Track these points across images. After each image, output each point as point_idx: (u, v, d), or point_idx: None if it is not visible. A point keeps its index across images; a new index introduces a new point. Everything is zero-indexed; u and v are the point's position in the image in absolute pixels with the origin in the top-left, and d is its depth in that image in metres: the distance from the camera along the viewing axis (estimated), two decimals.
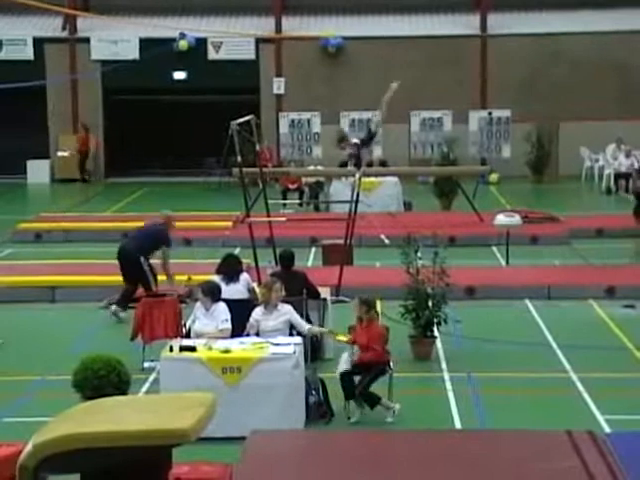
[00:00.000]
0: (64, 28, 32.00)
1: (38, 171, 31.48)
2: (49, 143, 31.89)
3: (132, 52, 31.27)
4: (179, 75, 31.83)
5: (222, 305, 11.24)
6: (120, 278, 14.86)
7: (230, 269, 12.42)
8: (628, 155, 27.35)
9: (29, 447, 6.28)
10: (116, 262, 14.72)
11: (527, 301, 15.49)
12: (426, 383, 12.01)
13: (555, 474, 8.34)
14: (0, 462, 8.87)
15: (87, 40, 31.56)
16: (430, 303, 12.58)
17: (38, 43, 31.38)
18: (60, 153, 31.62)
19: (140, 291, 14.29)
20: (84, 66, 31.47)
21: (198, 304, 11.40)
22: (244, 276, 12.52)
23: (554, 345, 13.20)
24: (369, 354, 10.68)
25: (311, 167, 26.53)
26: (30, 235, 20.99)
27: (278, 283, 11.34)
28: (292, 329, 11.29)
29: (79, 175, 31.17)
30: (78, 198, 27.28)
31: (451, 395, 11.36)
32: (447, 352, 12.84)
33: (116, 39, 31.39)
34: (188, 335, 11.41)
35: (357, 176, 15.96)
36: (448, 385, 11.69)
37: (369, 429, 10.31)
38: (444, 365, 12.40)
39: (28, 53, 31.40)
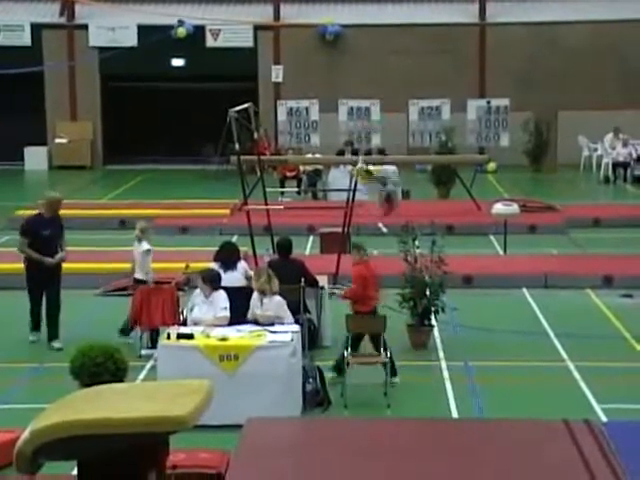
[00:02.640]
0: (62, 14, 31.91)
1: (35, 158, 31.46)
2: (46, 130, 31.85)
3: (130, 39, 31.19)
4: (177, 62, 31.77)
5: (222, 293, 11.22)
6: (117, 265, 14.86)
7: (228, 257, 12.41)
8: (626, 144, 27.35)
9: (26, 433, 6.29)
10: (113, 249, 14.70)
11: (524, 290, 15.51)
12: (423, 371, 12.02)
13: (552, 463, 8.36)
14: None
15: (85, 27, 31.47)
16: (428, 292, 12.59)
17: (36, 29, 31.28)
18: (57, 140, 31.56)
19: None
20: (82, 52, 31.39)
21: (196, 292, 11.37)
22: (242, 264, 12.51)
23: (551, 334, 13.22)
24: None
25: (309, 155, 26.49)
26: None
27: (259, 274, 11.34)
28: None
29: None
30: (76, 185, 27.24)
31: (448, 384, 11.38)
32: (444, 341, 12.86)
33: (114, 26, 31.30)
34: (185, 323, 11.41)
35: (359, 166, 15.93)
36: (445, 373, 11.70)
37: (366, 417, 10.32)
38: (441, 354, 12.41)
39: (25, 39, 31.30)
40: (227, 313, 11.05)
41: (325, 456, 8.66)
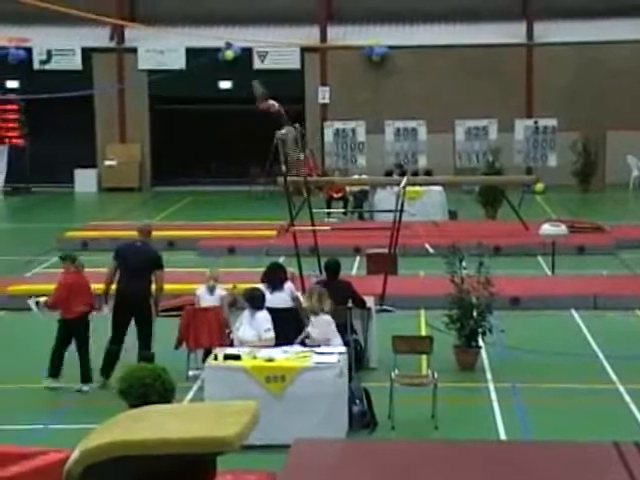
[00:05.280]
0: (112, 38, 32.37)
1: (85, 180, 31.85)
2: (96, 152, 32.22)
3: (178, 62, 31.53)
4: (225, 85, 32.02)
5: (264, 314, 11.23)
6: (165, 286, 14.74)
7: (275, 278, 12.43)
8: None
9: (75, 454, 6.33)
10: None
11: (573, 311, 15.37)
12: (471, 393, 11.95)
13: None
14: (48, 468, 8.95)
15: (134, 50, 31.88)
16: (475, 313, 12.53)
17: (86, 53, 31.76)
18: (107, 162, 31.92)
19: (186, 299, 14.24)
20: (131, 76, 31.79)
21: (245, 312, 11.42)
22: (288, 285, 12.52)
23: (600, 356, 13.08)
24: None
25: (355, 176, 26.53)
26: (77, 243, 21.21)
27: (310, 294, 11.38)
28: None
29: None
30: (125, 207, 27.51)
31: (496, 405, 11.29)
32: (492, 362, 12.77)
33: (163, 49, 31.67)
34: (232, 343, 11.44)
35: (402, 185, 15.95)
36: (493, 395, 11.62)
37: (413, 439, 10.27)
38: (489, 375, 12.33)
39: (76, 63, 31.78)
40: (272, 334, 11.06)
41: (371, 478, 8.63)
